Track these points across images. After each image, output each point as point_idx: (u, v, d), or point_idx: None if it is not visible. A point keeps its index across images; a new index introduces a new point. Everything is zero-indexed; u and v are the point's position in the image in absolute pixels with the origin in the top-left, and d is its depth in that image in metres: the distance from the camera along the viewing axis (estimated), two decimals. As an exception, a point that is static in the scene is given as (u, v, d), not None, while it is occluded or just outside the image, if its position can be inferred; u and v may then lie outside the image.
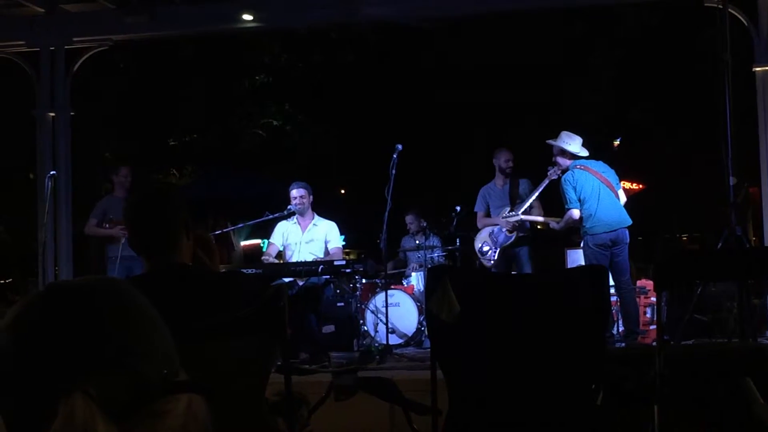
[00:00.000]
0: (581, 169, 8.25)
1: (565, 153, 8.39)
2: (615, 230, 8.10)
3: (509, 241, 9.03)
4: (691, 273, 4.50)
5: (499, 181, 9.33)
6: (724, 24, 7.06)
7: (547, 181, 8.71)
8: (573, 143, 8.39)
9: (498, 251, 9.11)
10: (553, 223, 8.66)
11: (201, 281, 2.97)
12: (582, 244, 8.31)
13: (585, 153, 8.38)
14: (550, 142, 8.48)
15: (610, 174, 8.32)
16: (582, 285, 3.62)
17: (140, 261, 3.01)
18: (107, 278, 1.28)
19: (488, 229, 9.25)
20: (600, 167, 8.31)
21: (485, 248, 9.21)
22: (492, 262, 9.11)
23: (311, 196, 8.79)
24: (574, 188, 8.15)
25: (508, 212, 8.98)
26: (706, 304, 8.20)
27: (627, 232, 8.19)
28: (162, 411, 1.19)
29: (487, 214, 9.33)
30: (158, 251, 2.94)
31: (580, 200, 8.13)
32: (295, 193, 8.75)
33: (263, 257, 9.00)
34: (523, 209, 8.91)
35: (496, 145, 9.76)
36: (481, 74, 17.65)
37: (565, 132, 8.47)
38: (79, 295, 1.21)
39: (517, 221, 8.87)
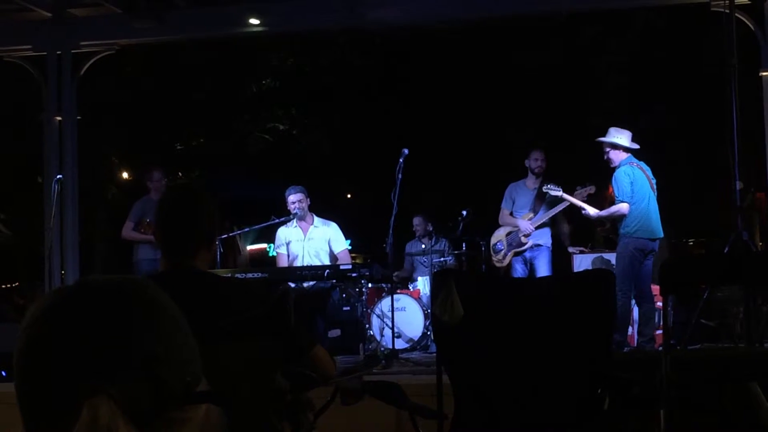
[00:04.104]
0: (637, 167, 8.01)
1: (617, 147, 8.08)
2: (656, 239, 7.92)
3: (522, 247, 8.93)
4: (697, 277, 4.50)
5: (529, 182, 9.08)
6: (731, 28, 7.05)
7: (576, 201, 8.54)
8: (623, 137, 8.10)
9: (510, 254, 9.02)
10: (591, 211, 8.35)
11: (210, 285, 2.99)
12: (619, 245, 8.02)
13: (636, 146, 8.11)
14: (601, 139, 8.17)
15: (653, 180, 8.13)
16: (589, 289, 3.62)
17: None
18: (137, 278, 1.27)
19: (506, 229, 9.14)
20: (649, 172, 8.11)
21: (499, 247, 9.16)
22: (503, 263, 9.05)
23: (308, 199, 8.77)
24: (632, 183, 7.89)
25: (548, 186, 8.78)
26: (713, 310, 8.19)
27: (658, 243, 8.06)
28: (181, 419, 1.18)
29: (512, 213, 9.15)
30: (177, 253, 2.98)
31: (631, 198, 7.88)
32: (293, 197, 8.70)
33: None
34: (543, 219, 8.84)
35: (500, 146, 9.71)
36: (488, 78, 17.65)
37: (614, 128, 8.17)
38: (110, 293, 1.20)
39: (557, 196, 8.68)
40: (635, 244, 7.84)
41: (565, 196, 8.64)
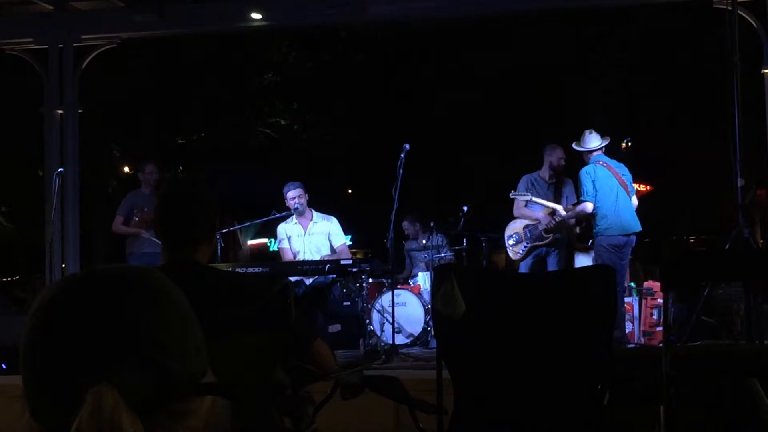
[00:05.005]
0: (602, 165, 8.20)
1: (584, 152, 8.38)
2: (629, 234, 8.04)
3: (542, 241, 8.73)
4: (698, 274, 4.49)
5: (546, 176, 8.89)
6: (733, 26, 7.04)
7: (545, 202, 8.62)
8: (586, 141, 8.36)
9: (528, 247, 8.81)
10: (561, 212, 8.47)
11: (210, 279, 2.98)
12: (595, 244, 8.18)
13: (606, 141, 8.33)
14: (575, 147, 8.45)
15: (628, 177, 8.27)
16: (589, 284, 3.61)
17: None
18: (145, 268, 1.27)
19: (523, 222, 8.89)
20: (621, 169, 8.27)
21: (512, 241, 8.92)
22: (519, 255, 8.91)
23: (307, 194, 8.76)
24: (593, 182, 8.07)
25: (514, 192, 8.78)
26: (714, 307, 8.19)
27: (635, 238, 8.16)
28: (185, 410, 1.18)
29: (526, 204, 8.93)
30: (178, 246, 2.97)
31: (596, 196, 8.07)
32: (292, 193, 8.67)
33: None
34: (568, 214, 8.75)
35: (500, 144, 9.69)
36: (489, 74, 17.64)
37: (582, 133, 8.44)
38: (117, 282, 1.20)
39: (526, 200, 8.69)
40: (608, 241, 8.01)
41: (534, 198, 8.69)
